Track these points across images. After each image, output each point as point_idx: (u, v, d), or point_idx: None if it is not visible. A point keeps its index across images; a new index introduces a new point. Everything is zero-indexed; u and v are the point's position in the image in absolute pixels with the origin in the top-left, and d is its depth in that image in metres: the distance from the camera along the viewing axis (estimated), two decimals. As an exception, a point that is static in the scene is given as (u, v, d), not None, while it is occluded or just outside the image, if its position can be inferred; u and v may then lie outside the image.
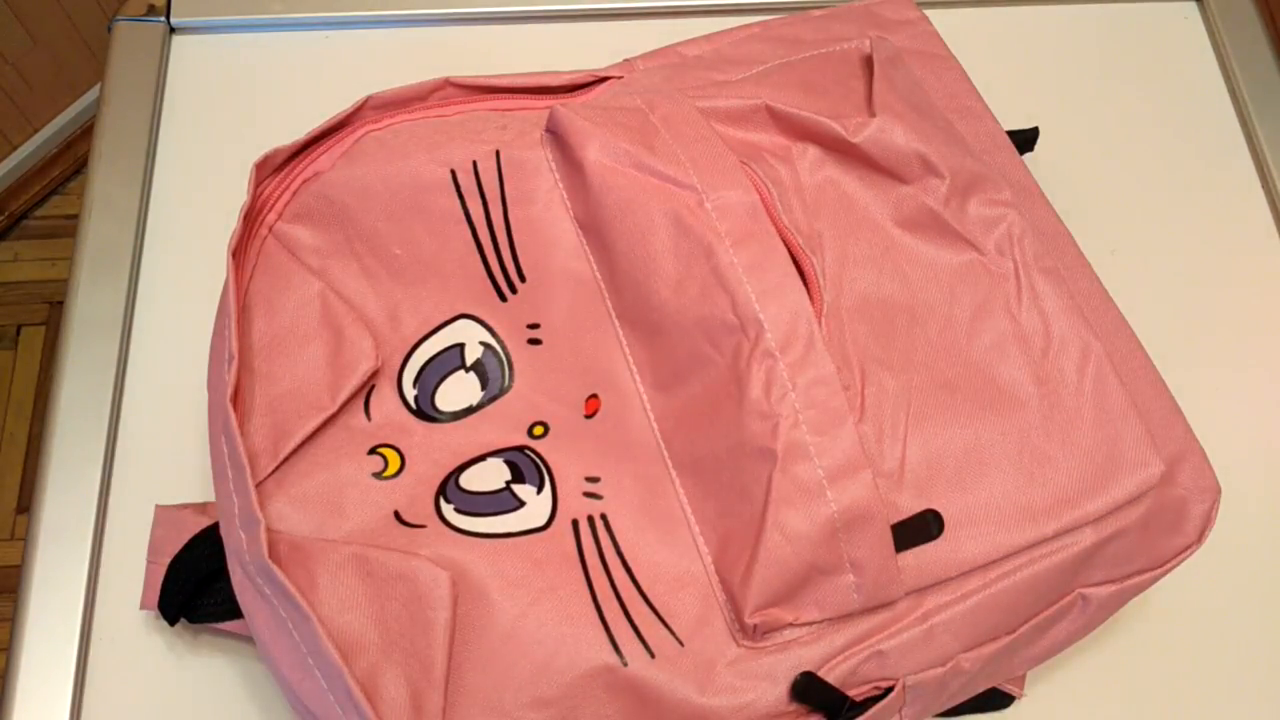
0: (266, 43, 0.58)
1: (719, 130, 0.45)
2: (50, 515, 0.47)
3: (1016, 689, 0.44)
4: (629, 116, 0.45)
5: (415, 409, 0.44)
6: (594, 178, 0.43)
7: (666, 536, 0.41)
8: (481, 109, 0.47)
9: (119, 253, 0.52)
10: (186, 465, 0.48)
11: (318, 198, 0.45)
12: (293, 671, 0.37)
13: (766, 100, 0.46)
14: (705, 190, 0.42)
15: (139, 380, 0.50)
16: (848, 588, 0.39)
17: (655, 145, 0.43)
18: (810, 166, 0.46)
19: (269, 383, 0.42)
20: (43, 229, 1.44)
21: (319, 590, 0.38)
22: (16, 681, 0.44)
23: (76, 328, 0.50)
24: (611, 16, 0.60)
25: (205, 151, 0.55)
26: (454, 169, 0.44)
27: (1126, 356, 0.45)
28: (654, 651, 0.39)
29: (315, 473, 0.41)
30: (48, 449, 0.48)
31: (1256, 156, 0.60)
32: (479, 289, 0.45)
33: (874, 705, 0.39)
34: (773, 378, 0.39)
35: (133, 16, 0.58)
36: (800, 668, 0.39)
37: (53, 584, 0.45)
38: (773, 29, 0.51)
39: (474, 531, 0.41)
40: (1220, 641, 0.49)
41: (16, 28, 1.26)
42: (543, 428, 0.44)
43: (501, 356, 0.45)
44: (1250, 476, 0.53)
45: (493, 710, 0.38)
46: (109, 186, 0.53)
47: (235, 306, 0.41)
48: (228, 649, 0.45)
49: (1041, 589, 0.41)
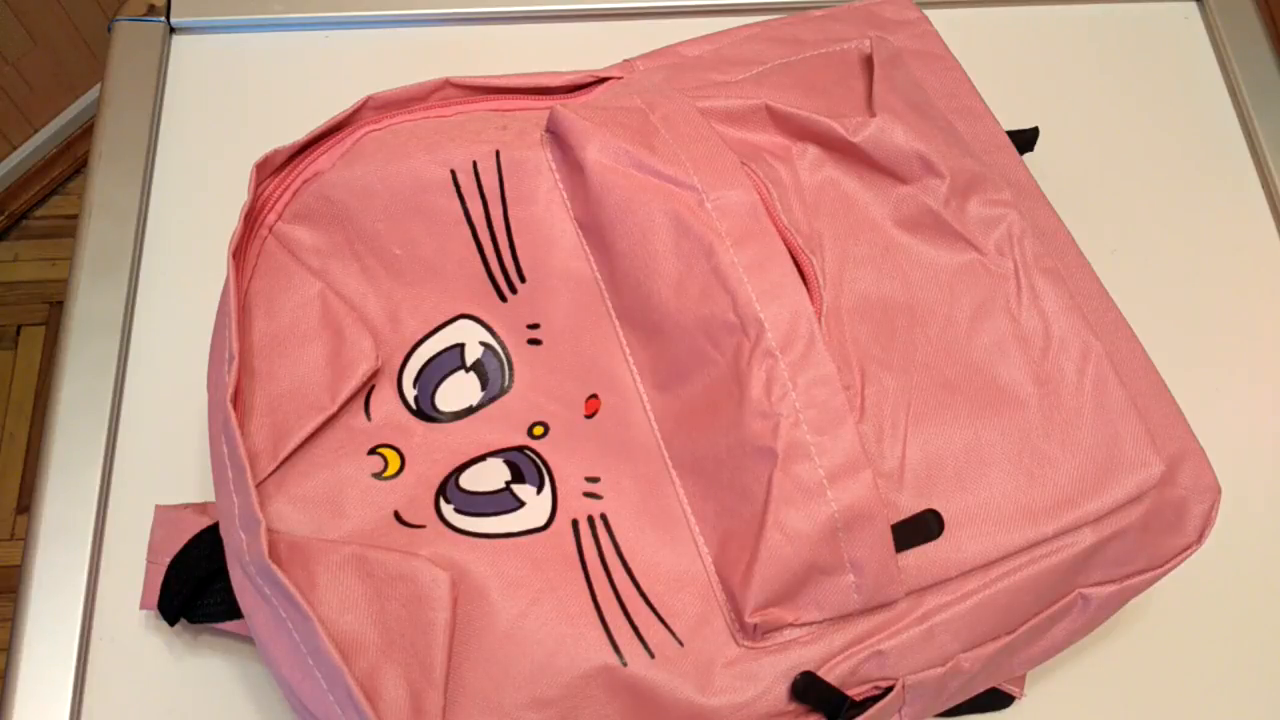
0: (266, 43, 0.58)
1: (719, 130, 0.45)
2: (50, 515, 0.47)
3: (1016, 689, 0.44)
4: (629, 116, 0.45)
5: (415, 409, 0.44)
6: (594, 178, 0.43)
7: (666, 536, 0.41)
8: (481, 109, 0.47)
9: (119, 253, 0.52)
10: (186, 465, 0.48)
11: (318, 198, 0.45)
12: (293, 672, 0.37)
13: (766, 100, 0.46)
14: (705, 190, 0.42)
15: (139, 380, 0.50)
16: (848, 588, 0.39)
17: (655, 145, 0.43)
18: (810, 166, 0.46)
19: (269, 383, 0.42)
20: (43, 229, 1.44)
21: (319, 590, 0.38)
22: (16, 681, 0.44)
23: (76, 328, 0.50)
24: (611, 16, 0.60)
25: (205, 151, 0.55)
26: (454, 169, 0.44)
27: (1126, 356, 0.45)
28: (654, 651, 0.39)
29: (315, 473, 0.41)
30: (48, 449, 0.48)
31: (1256, 156, 0.60)
32: (479, 289, 0.45)
33: (874, 705, 0.39)
34: (773, 377, 0.39)
35: (133, 16, 0.58)
36: (800, 668, 0.39)
37: (53, 584, 0.45)
38: (772, 29, 0.51)
39: (474, 532, 0.41)
40: (1220, 641, 0.49)
41: (16, 28, 1.26)
42: (543, 428, 0.44)
43: (501, 357, 0.45)
44: (1250, 476, 0.53)
45: (492, 710, 0.38)
46: (109, 186, 0.53)
47: (235, 306, 0.41)
48: (228, 649, 0.45)
49: (1042, 589, 0.41)
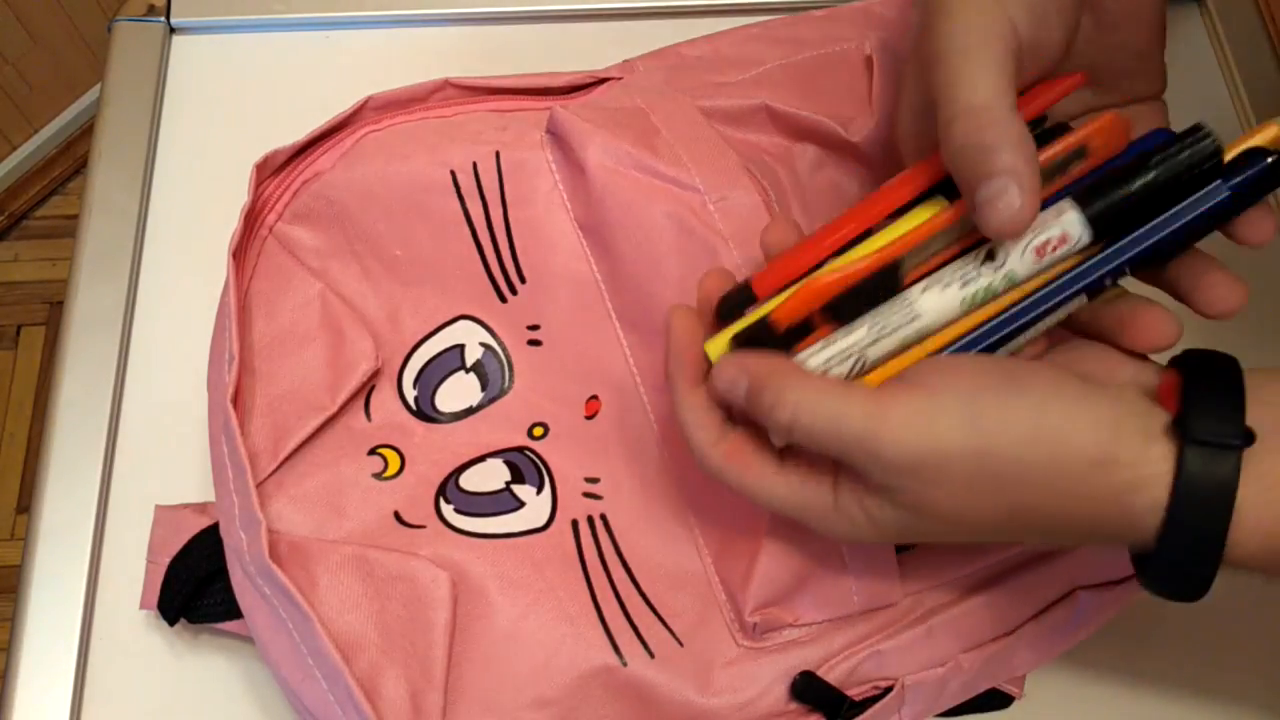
0: (266, 43, 0.58)
1: (719, 131, 0.45)
2: (50, 515, 0.47)
3: (1016, 689, 0.44)
4: (630, 117, 0.45)
5: (415, 410, 0.44)
6: (596, 179, 0.43)
7: (666, 537, 0.41)
8: (481, 110, 0.47)
9: (119, 253, 0.52)
10: (186, 465, 0.48)
11: (318, 198, 0.45)
12: (293, 671, 0.37)
13: (766, 101, 0.46)
14: (708, 191, 0.42)
15: (139, 380, 0.50)
16: (848, 588, 0.39)
17: (657, 146, 0.43)
18: (810, 167, 0.46)
19: (269, 383, 0.42)
20: (43, 229, 1.44)
21: (319, 590, 0.38)
22: (16, 681, 0.44)
23: (76, 328, 0.50)
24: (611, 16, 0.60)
25: (205, 151, 0.55)
26: (454, 170, 0.44)
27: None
28: (654, 651, 0.39)
29: (315, 473, 0.41)
30: (48, 449, 0.48)
31: (1256, 157, 0.60)
32: (479, 290, 0.45)
33: (873, 705, 0.39)
34: (773, 378, 0.39)
35: (133, 16, 0.58)
36: (800, 667, 0.39)
37: (53, 584, 0.45)
38: (773, 29, 0.51)
39: (474, 532, 0.41)
40: (1220, 641, 0.49)
41: (16, 28, 1.26)
42: (542, 428, 0.44)
43: (502, 357, 0.45)
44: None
45: (492, 710, 0.38)
46: (109, 186, 0.53)
47: (235, 307, 0.41)
48: (228, 649, 0.45)
49: (1042, 589, 0.41)
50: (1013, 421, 0.30)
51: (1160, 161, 0.32)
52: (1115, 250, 0.32)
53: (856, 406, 0.31)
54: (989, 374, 0.31)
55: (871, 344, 0.33)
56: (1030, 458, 0.30)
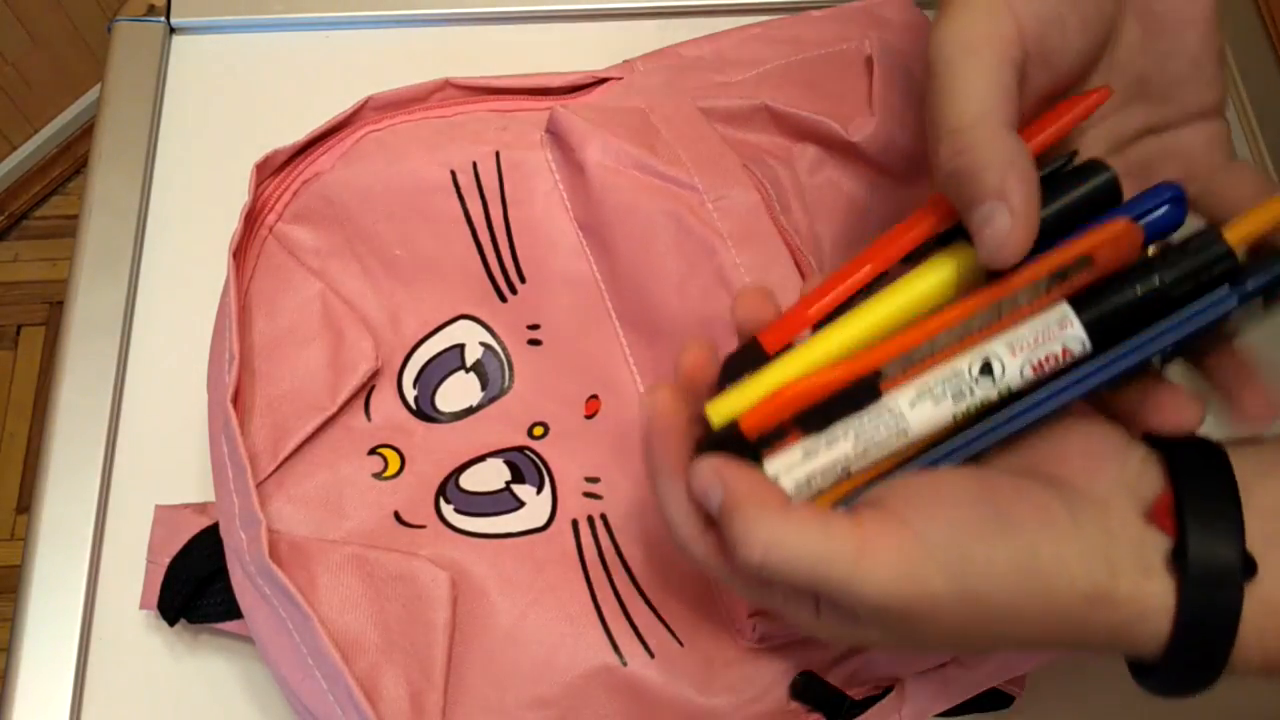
0: (266, 43, 0.58)
1: (719, 131, 0.45)
2: (50, 515, 0.47)
3: (1016, 689, 0.44)
4: (630, 117, 0.45)
5: (415, 409, 0.44)
6: (595, 179, 0.43)
7: (667, 536, 0.41)
8: (481, 110, 0.47)
9: (119, 253, 0.52)
10: (186, 465, 0.48)
11: (318, 198, 0.45)
12: (293, 671, 0.37)
13: (767, 101, 0.46)
14: (707, 190, 0.42)
15: (139, 380, 0.50)
16: (848, 588, 0.39)
17: (656, 146, 0.43)
18: (810, 167, 0.46)
19: (269, 383, 0.42)
20: (43, 229, 1.44)
21: (319, 590, 0.38)
22: (16, 681, 0.44)
23: (76, 328, 0.50)
24: (611, 16, 0.60)
25: (205, 151, 0.55)
26: (454, 170, 0.44)
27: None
28: (654, 651, 0.39)
29: (315, 473, 0.41)
30: (48, 449, 0.48)
31: (1256, 157, 0.60)
32: (479, 290, 0.45)
33: (874, 705, 0.39)
34: (773, 378, 0.39)
35: (133, 16, 0.58)
36: (800, 667, 0.39)
37: (53, 584, 0.45)
38: (773, 30, 0.51)
39: (474, 532, 0.41)
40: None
41: (16, 28, 1.26)
42: (542, 428, 0.44)
43: (501, 357, 0.45)
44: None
45: (493, 710, 0.38)
46: (109, 186, 0.53)
47: (236, 307, 0.41)
48: (228, 649, 0.45)
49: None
50: (1002, 564, 0.29)
51: (1167, 266, 0.30)
52: (1114, 360, 0.30)
53: (838, 549, 0.28)
54: (973, 504, 0.29)
55: (858, 457, 0.31)
56: (1023, 600, 0.29)
